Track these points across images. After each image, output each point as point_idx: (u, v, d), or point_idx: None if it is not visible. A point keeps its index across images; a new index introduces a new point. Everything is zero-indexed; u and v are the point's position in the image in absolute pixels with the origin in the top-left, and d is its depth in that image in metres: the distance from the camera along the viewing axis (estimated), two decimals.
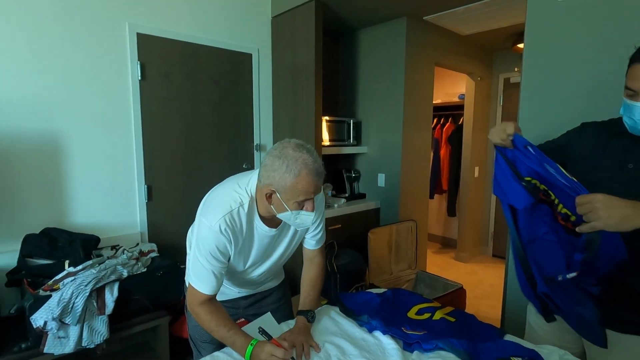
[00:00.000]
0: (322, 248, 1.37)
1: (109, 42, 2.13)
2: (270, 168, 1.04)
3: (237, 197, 1.12)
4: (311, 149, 1.07)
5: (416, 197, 3.17)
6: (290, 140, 1.07)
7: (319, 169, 1.04)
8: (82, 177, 2.10)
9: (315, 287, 1.33)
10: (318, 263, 1.36)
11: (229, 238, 1.10)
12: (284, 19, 2.74)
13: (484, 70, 3.80)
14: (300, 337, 1.14)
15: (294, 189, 1.03)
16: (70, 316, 1.60)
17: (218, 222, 1.07)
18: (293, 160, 1.01)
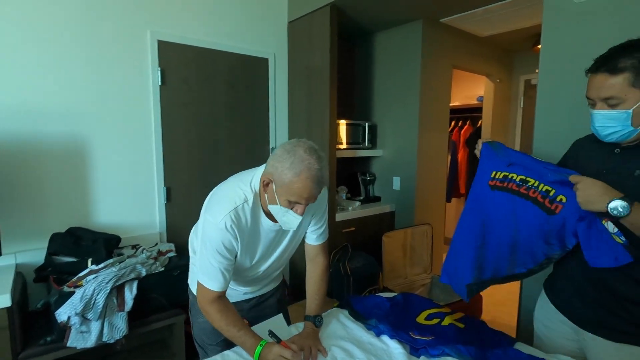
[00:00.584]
0: (325, 246, 1.36)
1: (132, 50, 2.22)
2: (277, 159, 1.05)
3: (242, 193, 1.13)
4: (322, 157, 1.06)
5: (432, 200, 3.14)
6: (307, 142, 1.07)
7: (320, 178, 1.04)
8: (105, 179, 2.19)
9: (321, 290, 1.33)
10: (320, 263, 1.34)
11: (235, 234, 1.11)
12: (300, 23, 2.78)
13: (504, 72, 3.73)
14: (309, 341, 1.16)
15: (290, 187, 1.03)
16: (92, 312, 1.67)
17: (223, 219, 1.08)
18: (299, 160, 1.02)
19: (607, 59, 0.93)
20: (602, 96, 0.94)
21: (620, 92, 0.91)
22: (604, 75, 0.93)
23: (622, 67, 0.89)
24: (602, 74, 0.93)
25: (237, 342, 1.12)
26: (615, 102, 0.92)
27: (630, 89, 0.90)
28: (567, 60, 1.52)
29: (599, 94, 0.94)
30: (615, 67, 0.90)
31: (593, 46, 1.42)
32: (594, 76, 0.96)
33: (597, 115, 0.97)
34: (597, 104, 0.96)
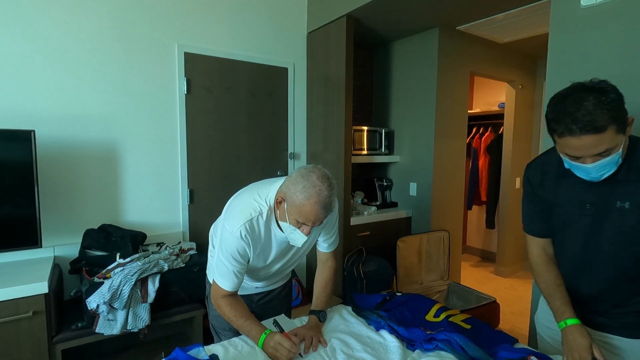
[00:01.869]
0: (335, 252, 1.45)
1: (161, 61, 2.41)
2: (292, 181, 1.15)
3: (257, 206, 1.24)
4: (333, 185, 1.14)
5: (449, 207, 3.13)
6: (322, 169, 1.17)
7: (328, 204, 1.12)
8: (134, 180, 2.37)
9: (327, 288, 1.41)
10: (330, 266, 1.44)
11: (249, 243, 1.22)
12: (318, 34, 2.89)
13: (527, 77, 3.67)
14: (311, 332, 1.23)
15: (300, 208, 1.12)
16: (118, 301, 1.82)
17: (239, 228, 1.19)
18: (311, 185, 1.11)
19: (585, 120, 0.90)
20: (595, 153, 0.93)
21: (611, 143, 0.92)
22: (591, 137, 0.90)
23: (603, 123, 0.89)
24: (586, 136, 0.91)
25: (244, 331, 1.22)
26: (607, 152, 0.93)
27: (618, 136, 0.92)
28: (575, 65, 1.52)
29: (591, 152, 0.93)
30: (598, 126, 0.89)
31: (599, 51, 1.43)
32: (576, 139, 0.92)
33: (592, 168, 0.96)
34: (587, 160, 0.95)
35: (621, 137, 0.93)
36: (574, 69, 1.52)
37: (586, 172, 0.98)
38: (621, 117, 0.91)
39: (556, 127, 0.95)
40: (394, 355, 1.12)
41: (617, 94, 0.91)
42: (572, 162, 0.99)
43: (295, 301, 2.69)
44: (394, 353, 1.13)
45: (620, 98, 0.91)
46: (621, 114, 0.91)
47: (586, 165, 0.96)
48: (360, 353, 1.13)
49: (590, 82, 0.95)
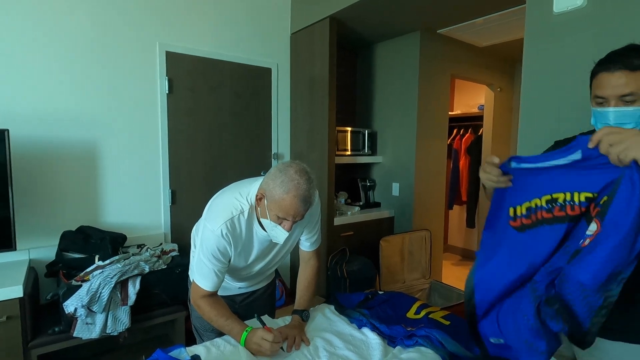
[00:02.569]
0: (318, 251, 1.46)
1: (141, 60, 2.37)
2: (271, 177, 1.16)
3: (238, 204, 1.24)
4: (311, 179, 1.15)
5: (431, 206, 3.19)
6: (300, 164, 1.17)
7: (308, 197, 1.13)
8: (114, 181, 2.32)
9: (310, 288, 1.42)
10: (313, 265, 1.45)
11: (230, 241, 1.21)
12: (302, 35, 2.90)
13: (505, 81, 3.78)
14: (294, 331, 1.24)
15: (279, 203, 1.12)
16: (97, 304, 1.78)
17: (220, 227, 1.19)
18: (289, 179, 1.11)
19: (621, 57, 0.91)
20: (619, 93, 0.91)
21: (638, 88, 0.89)
22: (622, 72, 0.90)
23: (638, 63, 0.89)
24: (619, 72, 0.90)
25: (225, 330, 1.21)
26: (632, 98, 0.90)
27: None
28: (549, 70, 1.58)
29: (617, 91, 0.91)
30: (632, 64, 0.89)
31: (572, 56, 1.50)
32: (609, 75, 0.92)
33: (612, 113, 0.91)
34: (611, 102, 0.93)
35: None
36: (548, 73, 1.58)
37: (606, 119, 0.92)
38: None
39: (596, 69, 0.96)
40: (375, 352, 1.14)
41: None
42: (596, 109, 0.95)
43: (279, 302, 2.69)
44: (376, 350, 1.15)
45: None
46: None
47: (607, 110, 0.91)
48: (343, 351, 1.15)
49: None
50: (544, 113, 1.61)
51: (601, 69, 0.95)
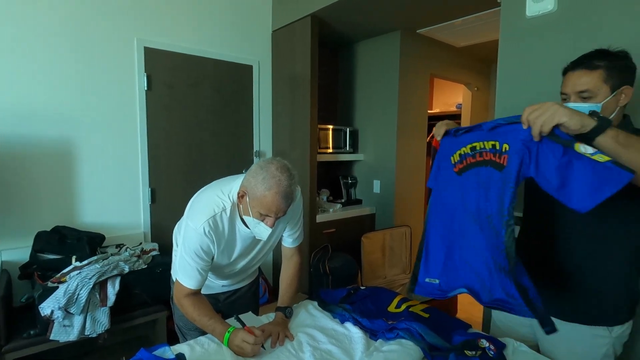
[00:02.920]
0: (300, 248, 1.48)
1: (119, 56, 2.31)
2: (252, 174, 1.16)
3: (220, 202, 1.24)
4: (293, 175, 1.16)
5: (411, 203, 3.25)
6: (280, 160, 1.18)
7: (289, 193, 1.14)
8: (91, 180, 2.26)
9: (292, 285, 1.44)
10: (295, 262, 1.47)
11: (212, 239, 1.21)
12: (283, 33, 2.90)
13: (482, 80, 3.88)
14: (277, 328, 1.25)
15: (261, 200, 1.13)
16: (74, 306, 1.74)
17: (202, 225, 1.19)
18: (271, 176, 1.12)
19: (584, 59, 1.04)
20: (577, 90, 1.02)
21: (594, 86, 1.00)
22: (581, 72, 1.02)
23: (597, 65, 1.00)
24: (579, 71, 1.02)
25: (208, 330, 1.21)
26: (588, 95, 1.01)
27: (602, 85, 0.99)
28: (522, 71, 1.64)
29: (575, 88, 1.02)
30: (592, 64, 1.01)
31: (543, 58, 1.56)
32: (571, 73, 1.05)
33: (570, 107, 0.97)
34: (570, 97, 1.04)
35: (606, 90, 0.99)
36: (521, 74, 1.64)
37: None
38: (616, 72, 1.00)
39: (565, 69, 1.08)
40: (358, 346, 1.17)
41: (627, 61, 1.02)
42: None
43: (262, 299, 2.70)
44: (358, 343, 1.18)
45: (626, 64, 1.01)
46: (617, 70, 1.00)
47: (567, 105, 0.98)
48: (326, 345, 1.17)
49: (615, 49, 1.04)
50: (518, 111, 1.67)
51: (568, 68, 1.06)
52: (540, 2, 1.52)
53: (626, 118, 1.08)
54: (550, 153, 0.91)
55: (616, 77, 0.99)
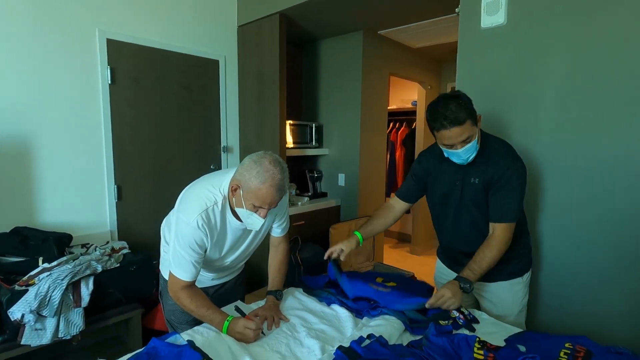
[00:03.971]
0: (287, 236, 1.57)
1: (79, 48, 2.21)
2: (245, 168, 1.21)
3: (212, 196, 1.28)
4: (285, 168, 1.24)
5: (373, 195, 3.45)
6: (273, 155, 1.24)
7: (282, 186, 1.22)
8: (52, 178, 2.15)
9: (281, 270, 1.53)
10: (283, 249, 1.56)
11: (205, 232, 1.26)
12: (250, 28, 2.92)
13: (434, 79, 4.18)
14: (271, 312, 1.33)
15: (255, 193, 1.19)
16: (47, 308, 1.68)
17: (195, 218, 1.23)
18: (265, 170, 1.18)
19: (448, 117, 1.26)
20: (461, 140, 1.29)
21: (470, 132, 1.28)
22: (457, 128, 1.26)
23: (463, 118, 1.25)
24: (454, 128, 1.26)
25: (206, 320, 1.26)
26: (469, 140, 1.30)
27: (472, 127, 1.29)
28: (477, 75, 1.85)
29: (459, 140, 1.29)
30: (460, 120, 1.25)
31: (494, 64, 1.78)
32: (448, 132, 1.27)
33: (459, 152, 1.32)
34: (457, 146, 1.30)
35: (475, 129, 1.30)
36: (476, 78, 1.85)
37: (458, 156, 1.34)
38: (473, 114, 1.29)
39: (434, 124, 1.31)
40: (347, 324, 1.29)
41: (467, 99, 1.30)
42: (449, 150, 1.34)
43: None
44: (347, 322, 1.30)
45: (470, 101, 1.30)
46: (473, 112, 1.29)
47: (458, 151, 1.32)
48: (318, 325, 1.28)
49: (450, 92, 1.34)
50: None
51: (439, 127, 1.30)
52: (493, 16, 1.73)
53: (481, 131, 1.41)
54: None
55: (473, 116, 1.29)
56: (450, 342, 1.11)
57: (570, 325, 1.64)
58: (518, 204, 1.37)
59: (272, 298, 1.41)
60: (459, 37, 1.90)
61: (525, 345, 1.11)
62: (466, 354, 1.05)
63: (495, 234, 1.37)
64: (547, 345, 1.09)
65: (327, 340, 1.20)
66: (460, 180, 1.43)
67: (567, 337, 1.16)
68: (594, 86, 1.51)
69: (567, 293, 1.66)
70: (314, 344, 1.16)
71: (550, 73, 1.61)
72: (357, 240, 1.66)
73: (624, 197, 1.47)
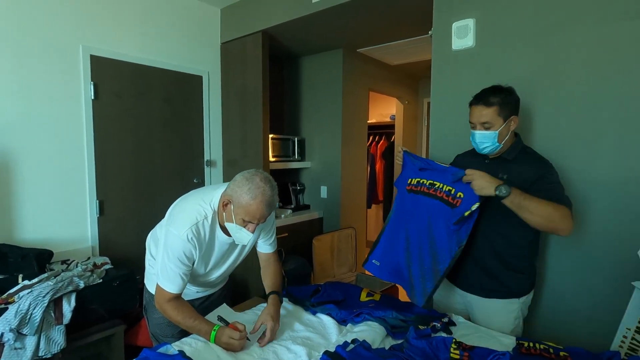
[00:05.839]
0: (276, 253, 1.58)
1: (63, 64, 2.22)
2: (237, 184, 1.27)
3: (202, 210, 1.32)
4: (274, 186, 1.30)
5: (355, 206, 3.54)
6: (263, 172, 1.31)
7: (272, 202, 1.27)
8: (32, 193, 2.13)
9: (277, 277, 1.52)
10: (274, 264, 1.56)
11: (195, 245, 1.30)
12: (233, 45, 2.99)
13: (411, 95, 4.35)
14: (271, 319, 1.31)
15: (246, 208, 1.25)
16: (28, 327, 1.65)
17: (186, 232, 1.27)
18: (256, 187, 1.24)
19: (483, 96, 1.34)
20: (480, 121, 1.34)
21: (491, 119, 1.32)
22: (481, 107, 1.33)
23: (492, 102, 1.31)
24: (480, 106, 1.33)
25: (194, 331, 1.29)
26: (488, 125, 1.33)
27: (497, 118, 1.32)
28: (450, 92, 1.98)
29: (479, 119, 1.34)
30: (488, 102, 1.31)
31: (465, 83, 1.91)
32: (475, 107, 1.35)
33: (477, 134, 1.37)
34: (477, 126, 1.36)
35: (500, 121, 1.33)
36: (450, 95, 1.97)
37: (474, 139, 1.40)
38: (506, 107, 1.33)
39: (471, 101, 1.39)
40: (332, 331, 1.35)
41: (509, 92, 1.35)
42: (472, 131, 1.40)
43: None
44: (332, 329, 1.36)
45: (510, 95, 1.35)
46: (507, 105, 1.33)
47: (475, 132, 1.37)
48: (304, 332, 1.33)
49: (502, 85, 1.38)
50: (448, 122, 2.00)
51: (472, 102, 1.39)
52: (463, 39, 1.87)
53: (517, 136, 1.46)
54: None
55: (507, 110, 1.35)
56: (429, 344, 1.18)
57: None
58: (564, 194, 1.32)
59: (275, 296, 1.41)
60: (432, 57, 2.03)
61: None
62: (443, 354, 1.13)
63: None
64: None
65: (313, 347, 1.25)
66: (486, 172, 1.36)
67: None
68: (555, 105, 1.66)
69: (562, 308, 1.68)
70: (300, 350, 1.21)
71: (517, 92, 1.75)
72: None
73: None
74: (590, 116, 1.57)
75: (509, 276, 1.42)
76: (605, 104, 1.54)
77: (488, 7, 1.81)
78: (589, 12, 1.56)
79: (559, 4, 1.62)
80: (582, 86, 1.58)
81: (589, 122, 1.58)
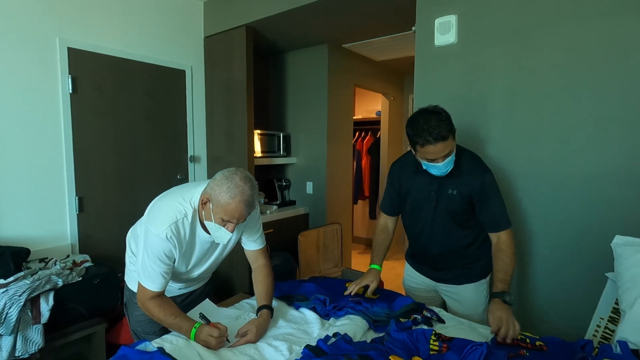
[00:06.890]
0: (263, 250, 1.55)
1: (39, 56, 2.15)
2: (217, 183, 1.25)
3: (182, 208, 1.30)
4: (255, 185, 1.27)
5: (340, 202, 3.55)
6: (244, 171, 1.28)
7: (251, 202, 1.25)
8: (7, 190, 2.07)
9: (269, 288, 1.47)
10: (263, 264, 1.52)
11: (174, 244, 1.28)
12: (217, 40, 2.95)
13: (396, 91, 4.38)
14: (254, 332, 1.27)
15: (225, 207, 1.22)
16: (3, 327, 1.62)
17: (165, 231, 1.24)
18: (235, 186, 1.22)
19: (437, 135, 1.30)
20: (443, 155, 1.35)
21: (452, 147, 1.36)
22: (441, 144, 1.31)
23: (446, 135, 1.31)
24: (439, 143, 1.31)
25: (175, 328, 1.27)
26: (450, 153, 1.37)
27: (453, 142, 1.36)
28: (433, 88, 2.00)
29: (442, 154, 1.34)
30: (445, 136, 1.31)
31: (447, 78, 1.93)
32: (432, 147, 1.32)
33: (442, 164, 1.37)
34: (439, 160, 1.36)
35: (454, 143, 1.38)
36: (433, 91, 1.99)
37: (438, 169, 1.40)
38: (453, 129, 1.36)
39: (417, 139, 1.34)
40: (314, 326, 1.35)
41: (447, 114, 1.36)
42: (429, 164, 1.40)
43: None
44: (314, 324, 1.36)
45: (449, 116, 1.36)
46: (453, 127, 1.36)
47: (439, 164, 1.38)
48: (286, 329, 1.33)
49: (429, 107, 1.38)
50: None
51: (423, 142, 1.34)
52: (445, 35, 1.88)
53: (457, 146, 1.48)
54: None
55: (453, 131, 1.37)
56: (409, 336, 1.19)
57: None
58: (505, 208, 1.46)
59: (266, 312, 1.37)
60: (415, 53, 2.04)
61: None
62: (423, 346, 1.14)
63: (502, 240, 1.44)
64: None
65: (295, 342, 1.25)
66: (435, 191, 1.48)
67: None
68: (533, 101, 1.69)
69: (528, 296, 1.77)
70: (281, 345, 1.21)
71: (497, 89, 1.78)
72: (378, 272, 1.66)
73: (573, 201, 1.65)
74: (566, 112, 1.61)
75: (474, 265, 1.57)
76: (581, 101, 1.58)
77: (470, 4, 1.83)
78: (566, 11, 1.59)
79: (539, 3, 1.65)
80: (560, 81, 1.62)
81: (565, 118, 1.61)
